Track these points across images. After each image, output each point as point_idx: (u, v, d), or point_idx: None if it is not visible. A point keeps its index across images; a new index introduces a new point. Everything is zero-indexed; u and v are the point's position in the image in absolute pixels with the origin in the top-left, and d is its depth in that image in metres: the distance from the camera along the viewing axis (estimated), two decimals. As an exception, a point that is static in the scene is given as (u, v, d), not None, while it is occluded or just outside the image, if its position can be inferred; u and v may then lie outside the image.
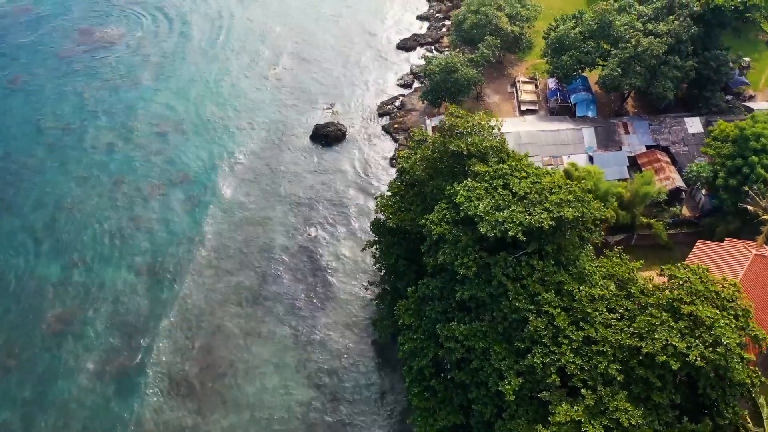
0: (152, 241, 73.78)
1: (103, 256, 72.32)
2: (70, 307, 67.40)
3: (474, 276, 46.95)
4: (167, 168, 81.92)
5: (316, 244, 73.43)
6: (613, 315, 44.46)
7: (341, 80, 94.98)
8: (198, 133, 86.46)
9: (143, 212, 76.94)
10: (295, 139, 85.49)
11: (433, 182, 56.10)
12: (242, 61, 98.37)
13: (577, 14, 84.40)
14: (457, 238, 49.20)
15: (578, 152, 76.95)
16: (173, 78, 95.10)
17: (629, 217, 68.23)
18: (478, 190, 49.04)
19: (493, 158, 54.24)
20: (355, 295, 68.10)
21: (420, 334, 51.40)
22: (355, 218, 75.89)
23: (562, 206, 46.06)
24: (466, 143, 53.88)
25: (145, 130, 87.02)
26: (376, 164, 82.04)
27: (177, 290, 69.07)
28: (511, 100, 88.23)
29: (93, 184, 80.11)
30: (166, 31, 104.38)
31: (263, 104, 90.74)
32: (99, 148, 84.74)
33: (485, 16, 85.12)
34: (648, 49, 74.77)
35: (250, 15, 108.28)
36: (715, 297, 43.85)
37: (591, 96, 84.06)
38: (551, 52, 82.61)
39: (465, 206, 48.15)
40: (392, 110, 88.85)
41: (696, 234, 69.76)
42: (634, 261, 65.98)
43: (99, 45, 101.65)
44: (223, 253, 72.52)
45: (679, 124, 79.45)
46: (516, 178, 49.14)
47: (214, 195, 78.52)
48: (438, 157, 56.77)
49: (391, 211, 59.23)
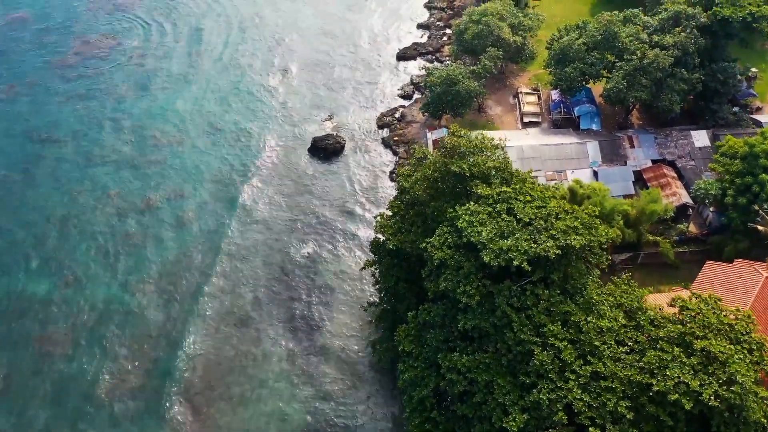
0: (145, 259, 72.01)
1: (95, 274, 70.55)
2: (60, 329, 65.64)
3: (477, 305, 45.23)
4: (162, 183, 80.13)
5: (313, 261, 71.65)
6: (623, 348, 42.71)
7: (340, 91, 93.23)
8: (194, 146, 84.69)
9: (137, 228, 75.18)
10: (292, 153, 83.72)
11: (434, 203, 54.37)
12: (240, 72, 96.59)
13: (581, 24, 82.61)
14: (459, 264, 47.48)
15: (582, 167, 75.20)
16: (169, 89, 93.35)
17: (635, 235, 66.45)
18: (481, 214, 47.28)
19: (496, 179, 52.54)
20: (354, 315, 66.30)
21: (421, 362, 49.70)
22: (354, 234, 74.09)
23: (568, 233, 44.30)
24: (468, 164, 52.14)
25: (139, 142, 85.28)
26: (376, 179, 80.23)
27: (170, 311, 67.32)
28: (514, 111, 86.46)
29: (86, 198, 78.38)
30: (163, 40, 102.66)
31: (261, 116, 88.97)
32: (93, 161, 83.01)
33: (487, 26, 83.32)
34: (654, 62, 73.01)
35: (247, 25, 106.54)
36: (729, 330, 42.09)
37: (595, 108, 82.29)
38: (554, 63, 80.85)
39: (467, 232, 46.40)
40: (392, 122, 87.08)
41: (703, 252, 68.11)
42: (642, 285, 66.06)
43: (95, 54, 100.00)
44: (217, 272, 70.72)
45: (686, 138, 77.69)
46: (520, 202, 47.37)
47: (208, 212, 76.72)
48: (439, 177, 55.06)
49: (391, 231, 57.48)
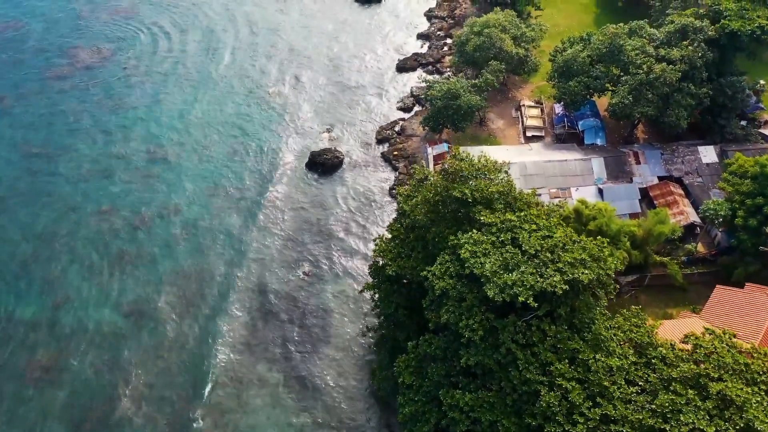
0: (138, 279, 70.07)
1: (86, 295, 68.53)
2: (52, 353, 63.68)
3: (480, 340, 43.35)
4: (156, 198, 78.14)
5: (312, 282, 69.73)
6: (633, 388, 40.77)
7: (339, 103, 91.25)
8: (189, 160, 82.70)
9: (130, 247, 73.19)
10: (289, 168, 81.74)
11: (435, 229, 52.48)
12: (236, 83, 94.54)
13: (585, 36, 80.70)
14: (461, 295, 45.63)
15: (587, 184, 73.29)
16: (164, 101, 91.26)
17: (642, 256, 64.53)
18: (484, 244, 45.37)
19: (499, 204, 50.64)
20: (353, 339, 64.44)
21: (421, 396, 47.84)
22: (353, 254, 72.15)
23: (576, 266, 42.38)
24: (470, 189, 50.23)
25: (134, 157, 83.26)
26: (375, 195, 78.23)
27: (164, 332, 65.40)
28: (516, 125, 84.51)
29: (79, 215, 76.35)
30: (159, 51, 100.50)
31: (258, 129, 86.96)
32: (86, 176, 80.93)
33: (489, 38, 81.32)
34: (661, 77, 71.10)
35: (244, 35, 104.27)
36: (745, 370, 40.14)
37: (599, 122, 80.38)
38: (558, 76, 78.98)
39: (470, 263, 44.49)
40: (391, 136, 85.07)
41: (712, 274, 66.27)
42: (649, 307, 64.82)
43: (89, 64, 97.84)
44: (213, 292, 68.80)
45: (693, 154, 75.78)
46: (525, 231, 45.42)
47: (204, 228, 74.76)
48: (440, 201, 53.17)
49: (391, 256, 55.54)
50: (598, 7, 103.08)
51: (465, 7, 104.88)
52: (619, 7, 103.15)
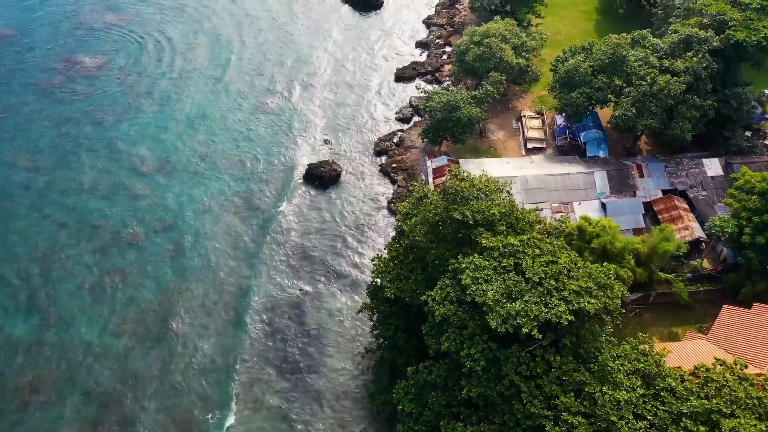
0: (132, 297, 68.46)
1: (79, 314, 66.84)
2: (42, 373, 62.07)
3: (482, 371, 41.82)
4: (150, 213, 76.49)
5: (308, 300, 68.18)
6: (642, 423, 39.18)
7: (336, 113, 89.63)
8: (184, 173, 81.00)
9: (123, 263, 71.60)
10: (286, 181, 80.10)
11: (435, 251, 51.02)
12: (233, 93, 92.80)
13: (587, 46, 79.16)
14: (462, 322, 44.14)
15: (590, 198, 71.83)
16: (159, 111, 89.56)
17: (646, 274, 63.05)
18: (486, 270, 43.86)
19: (501, 226, 49.18)
20: (351, 360, 62.90)
21: (422, 425, 46.35)
22: (351, 270, 70.64)
23: (582, 295, 40.87)
24: (471, 210, 48.73)
25: (127, 169, 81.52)
26: (373, 209, 76.69)
27: (158, 353, 63.85)
28: (517, 136, 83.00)
29: (71, 231, 74.64)
30: (153, 59, 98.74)
31: (255, 141, 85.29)
32: (78, 190, 79.18)
33: (489, 48, 79.80)
34: (665, 89, 69.62)
35: (240, 43, 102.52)
36: (757, 404, 38.64)
37: (602, 134, 78.88)
38: (559, 87, 77.49)
39: (472, 290, 43.00)
40: (390, 147, 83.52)
41: (718, 292, 64.86)
42: (654, 326, 63.45)
43: (82, 74, 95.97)
44: (208, 311, 67.26)
45: (697, 166, 74.37)
46: (529, 256, 43.89)
47: (198, 244, 73.16)
48: (440, 221, 51.67)
49: (390, 278, 54.01)
50: (600, 15, 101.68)
51: (464, 14, 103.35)
52: (621, 14, 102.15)
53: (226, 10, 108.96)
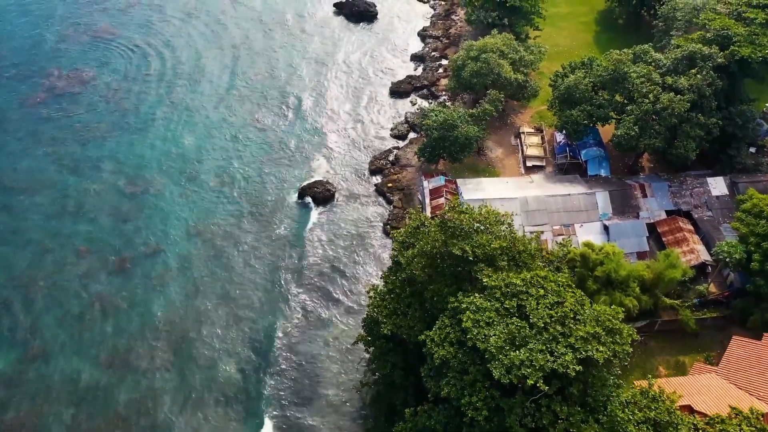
0: (119, 326, 66.02)
1: (64, 346, 64.44)
2: (26, 410, 59.49)
3: (484, 420, 39.52)
4: (137, 236, 74.00)
5: (303, 329, 65.75)
6: (654, 479, 37.10)
7: (330, 130, 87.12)
8: (173, 194, 78.43)
9: (110, 290, 69.13)
10: (278, 202, 77.63)
11: (434, 287, 48.62)
12: (222, 110, 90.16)
13: (587, 61, 76.99)
14: (463, 367, 41.86)
15: (592, 219, 69.60)
16: (147, 129, 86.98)
17: (652, 301, 60.88)
18: (487, 311, 41.56)
19: (502, 261, 46.87)
20: (347, 393, 60.51)
21: (421, 473, 44.03)
22: (346, 298, 68.23)
23: (589, 342, 38.58)
24: (471, 245, 46.40)
25: (114, 191, 78.98)
26: (369, 232, 74.26)
27: (147, 386, 61.35)
28: (515, 154, 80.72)
29: (55, 256, 72.11)
30: (142, 74, 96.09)
31: (245, 160, 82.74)
32: (62, 213, 76.58)
33: (486, 64, 77.45)
34: (668, 107, 67.48)
35: (230, 57, 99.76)
36: (777, 459, 36.57)
37: (603, 152, 76.66)
38: (559, 103, 75.29)
39: (473, 334, 40.70)
40: (385, 166, 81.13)
41: (725, 318, 62.76)
42: (659, 354, 61.30)
43: (68, 90, 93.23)
44: (198, 342, 64.77)
45: (702, 186, 72.24)
46: (533, 298, 41.58)
47: (187, 270, 70.71)
48: (438, 254, 49.31)
49: (386, 313, 51.59)
50: (599, 26, 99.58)
51: (460, 26, 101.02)
52: (620, 25, 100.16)
53: (216, 24, 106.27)
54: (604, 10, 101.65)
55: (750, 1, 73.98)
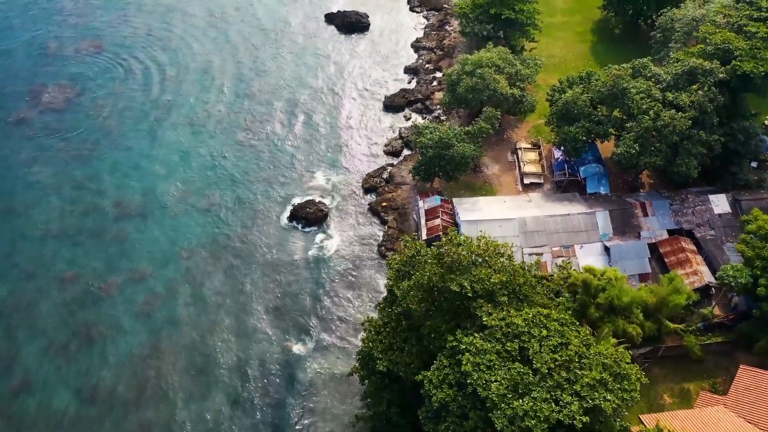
0: (105, 357, 63.84)
1: (48, 378, 62.28)
2: (6, 447, 57.47)
3: (487, 470, 37.60)
4: (124, 261, 71.69)
5: (296, 358, 63.67)
6: None
7: (322, 147, 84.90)
8: (160, 216, 76.15)
9: (95, 318, 66.92)
10: (270, 223, 75.42)
11: (431, 323, 46.61)
12: (212, 126, 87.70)
13: (585, 76, 75.13)
14: (463, 411, 39.99)
15: (592, 240, 67.65)
16: (134, 147, 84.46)
17: (655, 327, 59.05)
18: (488, 353, 39.61)
19: (502, 296, 44.92)
20: (341, 428, 58.36)
21: None
22: (341, 324, 66.14)
23: (596, 390, 36.64)
24: (469, 280, 44.41)
25: (100, 213, 76.59)
26: (363, 254, 72.11)
27: (135, 422, 59.11)
28: (513, 170, 78.75)
29: (39, 283, 69.82)
30: (128, 89, 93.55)
31: (236, 178, 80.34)
32: (46, 237, 74.19)
33: (482, 80, 75.46)
34: (670, 125, 65.70)
35: (219, 71, 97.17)
36: None
37: (602, 168, 74.78)
38: (557, 120, 73.40)
39: (473, 378, 38.77)
40: (379, 184, 79.02)
41: (730, 343, 60.99)
42: (663, 382, 59.46)
43: (53, 107, 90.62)
44: (188, 371, 62.61)
45: (704, 203, 70.40)
46: (535, 340, 39.64)
47: (176, 295, 68.50)
48: (435, 288, 47.30)
49: (381, 348, 49.61)
50: (595, 36, 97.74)
51: (454, 36, 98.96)
52: (616, 34, 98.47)
53: (204, 36, 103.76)
54: (600, 20, 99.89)
55: (751, 13, 72.21)
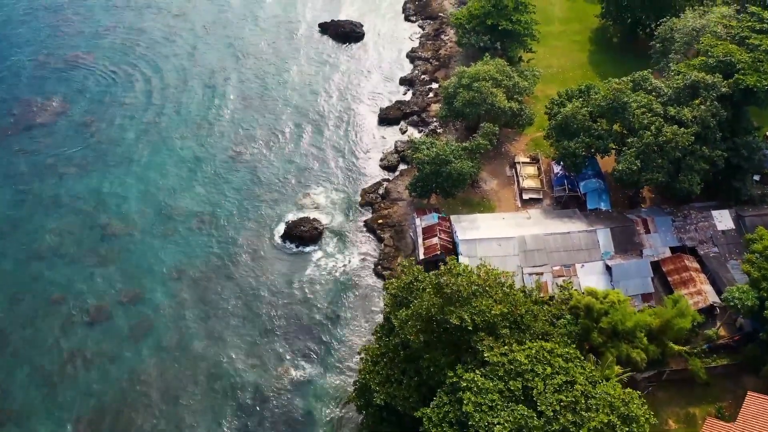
0: (95, 384, 61.83)
1: (36, 409, 60.02)
2: (-8, 483, 55.56)
3: None
4: (114, 282, 69.77)
5: (292, 383, 61.82)
6: None
7: (315, 162, 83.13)
8: (151, 235, 74.23)
9: (86, 343, 64.91)
10: (263, 242, 73.64)
11: (430, 355, 44.99)
12: (204, 141, 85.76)
13: (584, 89, 73.69)
14: (465, 453, 38.28)
15: (593, 259, 66.20)
16: (123, 163, 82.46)
17: (659, 350, 57.58)
18: (490, 393, 38.01)
19: (503, 328, 43.36)
20: (338, 457, 56.88)
21: None
22: (337, 346, 64.42)
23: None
24: (470, 313, 42.81)
25: (89, 232, 74.54)
26: (358, 273, 70.44)
27: (124, 453, 57.43)
28: (511, 185, 77.22)
29: (26, 307, 67.70)
30: (118, 103, 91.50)
31: (228, 196, 78.46)
32: (34, 257, 72.08)
33: (479, 93, 73.89)
34: (672, 141, 64.27)
35: (210, 81, 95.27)
36: None
37: (602, 183, 73.42)
38: (556, 134, 71.95)
39: (475, 421, 37.17)
40: (375, 200, 77.33)
41: (736, 366, 59.59)
42: (668, 406, 58.07)
43: (39, 122, 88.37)
44: (179, 399, 60.78)
45: (706, 219, 69.01)
46: (539, 378, 38.05)
47: (168, 318, 66.58)
48: (434, 318, 45.66)
49: (379, 379, 47.97)
50: (593, 45, 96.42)
51: (450, 46, 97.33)
52: (614, 43, 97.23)
53: (194, 49, 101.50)
54: (597, 29, 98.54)
55: (753, 25, 70.84)
